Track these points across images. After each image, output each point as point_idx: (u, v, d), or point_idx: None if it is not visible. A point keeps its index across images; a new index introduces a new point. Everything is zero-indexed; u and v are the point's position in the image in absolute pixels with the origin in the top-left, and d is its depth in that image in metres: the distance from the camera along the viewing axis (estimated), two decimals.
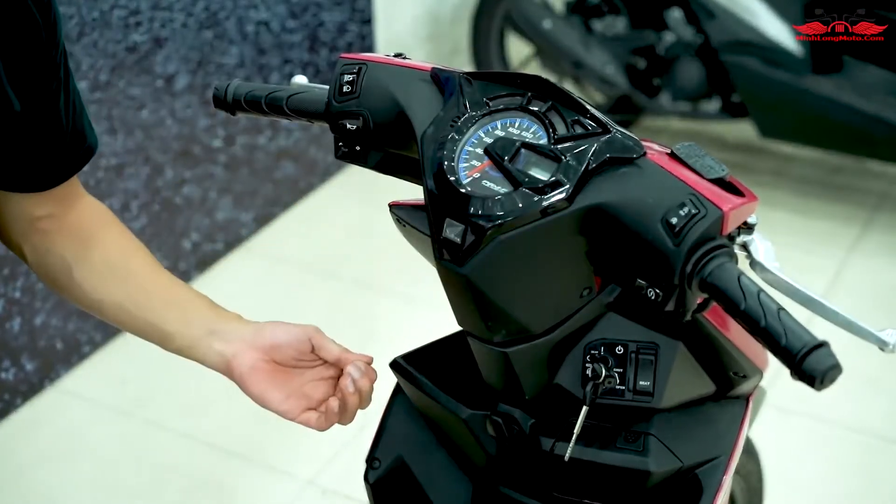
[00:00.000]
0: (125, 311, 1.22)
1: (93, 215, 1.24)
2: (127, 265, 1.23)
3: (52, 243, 1.21)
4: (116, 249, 1.24)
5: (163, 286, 1.23)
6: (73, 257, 1.21)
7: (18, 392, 2.62)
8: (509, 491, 1.22)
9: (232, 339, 1.21)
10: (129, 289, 1.22)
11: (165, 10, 2.84)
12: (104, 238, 1.23)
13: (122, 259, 1.23)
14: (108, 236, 1.24)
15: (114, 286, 1.22)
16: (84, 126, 1.18)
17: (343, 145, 1.20)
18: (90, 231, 1.23)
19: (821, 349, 0.86)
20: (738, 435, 1.17)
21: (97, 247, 1.22)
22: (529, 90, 1.06)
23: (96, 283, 1.22)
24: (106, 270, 1.22)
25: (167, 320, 1.21)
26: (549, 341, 1.06)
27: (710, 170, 1.01)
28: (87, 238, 1.22)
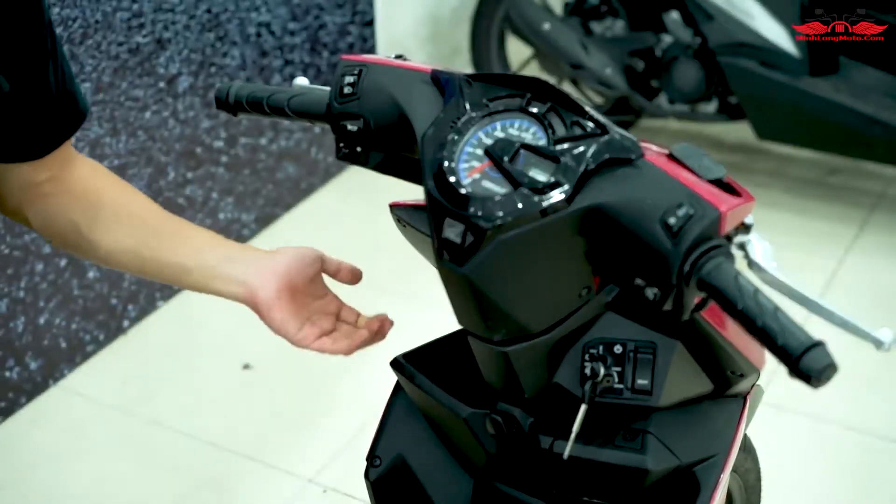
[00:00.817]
0: (139, 257, 1.23)
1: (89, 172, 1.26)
2: (131, 211, 1.25)
3: (57, 206, 1.23)
4: (118, 199, 1.25)
5: (170, 225, 1.24)
6: (79, 216, 1.23)
7: (22, 391, 2.63)
8: (509, 489, 1.22)
9: (252, 267, 1.19)
10: (139, 233, 1.23)
11: (168, 12, 2.85)
12: (104, 190, 1.25)
13: (125, 207, 1.25)
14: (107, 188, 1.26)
15: (124, 234, 1.23)
16: (75, 91, 1.19)
17: (344, 146, 1.21)
18: (90, 187, 1.24)
19: (817, 348, 0.87)
20: (736, 433, 1.17)
21: (100, 200, 1.24)
22: (529, 92, 1.06)
23: (106, 234, 1.23)
24: (113, 221, 1.23)
25: (182, 255, 1.21)
26: (548, 340, 1.07)
27: (707, 170, 1.01)
28: (88, 194, 1.24)
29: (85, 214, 1.23)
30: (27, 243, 2.56)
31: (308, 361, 2.83)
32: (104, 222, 1.23)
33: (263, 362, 2.79)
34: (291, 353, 3.07)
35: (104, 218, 1.23)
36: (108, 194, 1.25)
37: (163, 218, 1.25)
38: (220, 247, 1.22)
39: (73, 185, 1.23)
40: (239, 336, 2.90)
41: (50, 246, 2.62)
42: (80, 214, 1.23)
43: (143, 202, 1.27)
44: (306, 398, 2.68)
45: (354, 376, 2.72)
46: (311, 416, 2.62)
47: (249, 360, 2.79)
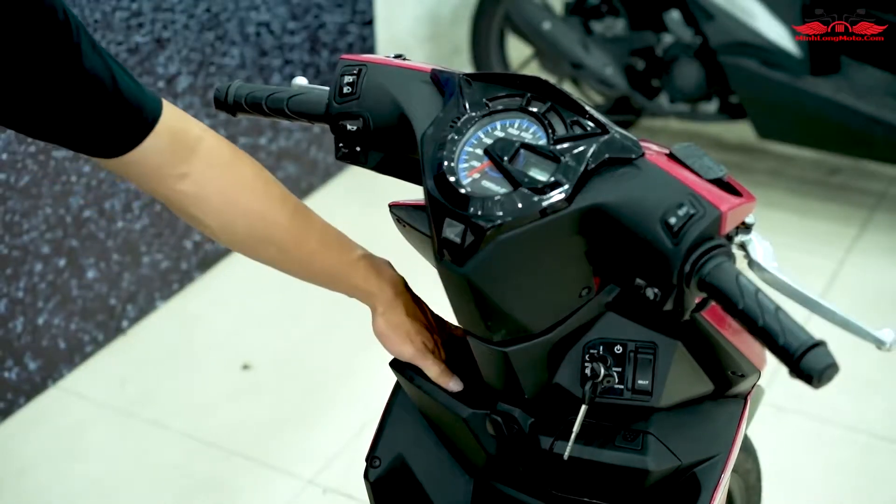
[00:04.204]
0: (278, 260, 1.27)
1: (225, 175, 1.23)
2: (268, 230, 1.24)
3: (186, 205, 1.22)
4: (256, 216, 1.24)
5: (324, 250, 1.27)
6: (212, 224, 1.23)
7: (21, 391, 2.63)
8: (508, 489, 1.22)
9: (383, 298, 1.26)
10: (275, 252, 1.25)
11: (167, 12, 2.84)
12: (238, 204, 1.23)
13: (263, 225, 1.24)
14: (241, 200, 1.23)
15: (261, 250, 1.25)
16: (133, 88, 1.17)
17: (343, 146, 1.21)
18: (226, 196, 1.22)
19: (818, 348, 0.87)
20: (736, 433, 1.17)
21: (240, 221, 1.23)
22: (529, 91, 1.06)
23: (246, 249, 1.26)
24: (252, 241, 1.25)
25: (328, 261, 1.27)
26: (548, 341, 1.07)
27: (708, 170, 1.01)
28: (224, 207, 1.22)
29: (220, 227, 1.23)
30: (26, 243, 2.56)
31: (308, 362, 2.83)
32: (240, 235, 1.25)
33: (263, 362, 2.79)
34: (291, 353, 3.08)
35: (241, 232, 1.24)
36: (243, 209, 1.24)
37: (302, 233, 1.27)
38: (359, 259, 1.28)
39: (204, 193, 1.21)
40: (238, 336, 2.90)
41: (49, 246, 2.62)
42: (214, 225, 1.23)
43: (283, 212, 1.27)
44: (306, 398, 2.67)
45: (354, 377, 2.71)
46: (310, 417, 2.62)
47: (249, 361, 2.79)
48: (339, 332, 2.79)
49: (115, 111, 1.12)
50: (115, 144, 1.15)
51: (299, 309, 2.95)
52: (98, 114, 1.11)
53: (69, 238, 2.68)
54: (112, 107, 1.12)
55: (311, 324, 2.91)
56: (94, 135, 1.14)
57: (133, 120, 1.14)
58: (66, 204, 2.65)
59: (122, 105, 1.13)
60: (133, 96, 1.14)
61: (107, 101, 1.11)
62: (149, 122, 1.15)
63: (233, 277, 3.14)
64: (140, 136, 1.15)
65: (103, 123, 1.13)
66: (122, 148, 1.15)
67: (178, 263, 3.05)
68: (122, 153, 1.15)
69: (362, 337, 2.86)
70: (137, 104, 1.14)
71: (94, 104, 1.10)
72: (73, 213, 2.67)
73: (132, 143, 1.15)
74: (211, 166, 1.21)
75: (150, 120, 1.15)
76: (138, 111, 1.14)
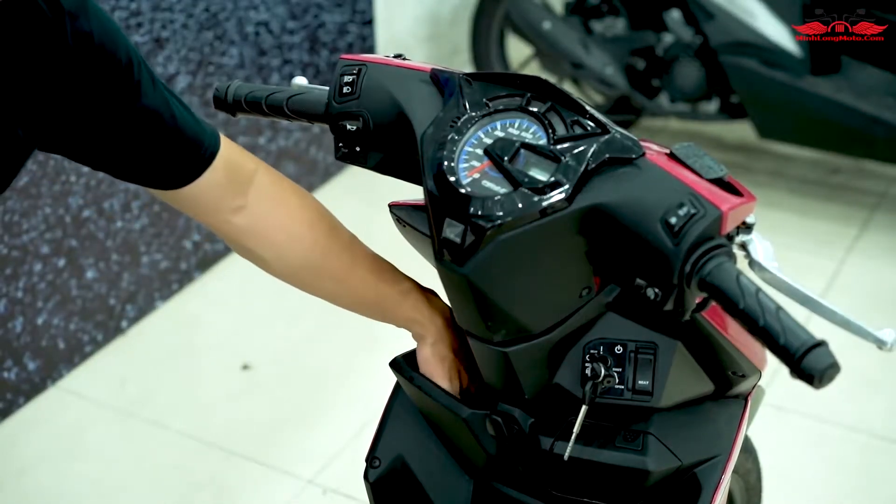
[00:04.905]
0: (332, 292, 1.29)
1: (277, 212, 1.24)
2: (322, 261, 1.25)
3: (241, 239, 1.23)
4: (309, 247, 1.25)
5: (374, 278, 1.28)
6: (269, 258, 1.24)
7: (21, 391, 2.63)
8: (509, 489, 1.22)
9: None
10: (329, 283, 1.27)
11: (166, 11, 2.84)
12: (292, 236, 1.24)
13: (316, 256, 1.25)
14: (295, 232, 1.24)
15: (314, 282, 1.27)
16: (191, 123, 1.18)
17: (343, 146, 1.20)
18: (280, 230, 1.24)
19: (819, 348, 0.87)
20: (737, 434, 1.17)
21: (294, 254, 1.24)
22: (529, 91, 1.06)
23: (299, 281, 1.27)
24: (305, 273, 1.26)
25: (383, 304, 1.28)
26: (548, 341, 1.07)
27: (708, 170, 1.01)
28: (277, 241, 1.24)
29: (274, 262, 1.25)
30: (25, 243, 2.56)
31: (307, 362, 2.83)
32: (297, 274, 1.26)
33: (263, 363, 2.79)
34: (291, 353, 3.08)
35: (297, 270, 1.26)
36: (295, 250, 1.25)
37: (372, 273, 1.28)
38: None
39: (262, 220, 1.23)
40: (238, 336, 2.90)
41: (48, 246, 2.62)
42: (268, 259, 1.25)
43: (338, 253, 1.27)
44: (306, 399, 2.67)
45: (354, 377, 2.71)
46: (310, 417, 2.62)
47: (249, 361, 2.78)
48: (339, 332, 2.79)
49: (174, 146, 1.14)
50: (174, 177, 1.16)
51: (299, 309, 2.95)
52: (157, 148, 1.13)
53: (68, 238, 2.68)
54: (171, 141, 1.13)
55: (311, 324, 2.90)
56: (153, 168, 1.15)
57: (192, 154, 1.15)
58: (66, 204, 2.65)
59: (180, 140, 1.14)
60: (192, 131, 1.15)
61: (165, 136, 1.13)
62: (207, 157, 1.17)
63: (233, 277, 3.14)
64: (199, 170, 1.17)
65: (163, 157, 1.14)
66: (181, 181, 1.17)
67: (178, 263, 3.05)
68: (180, 186, 1.17)
69: (362, 337, 2.86)
70: (196, 139, 1.15)
71: (152, 139, 1.12)
72: (72, 213, 2.67)
73: (191, 176, 1.16)
74: (266, 199, 1.23)
75: (207, 154, 1.17)
76: (197, 146, 1.16)
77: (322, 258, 1.25)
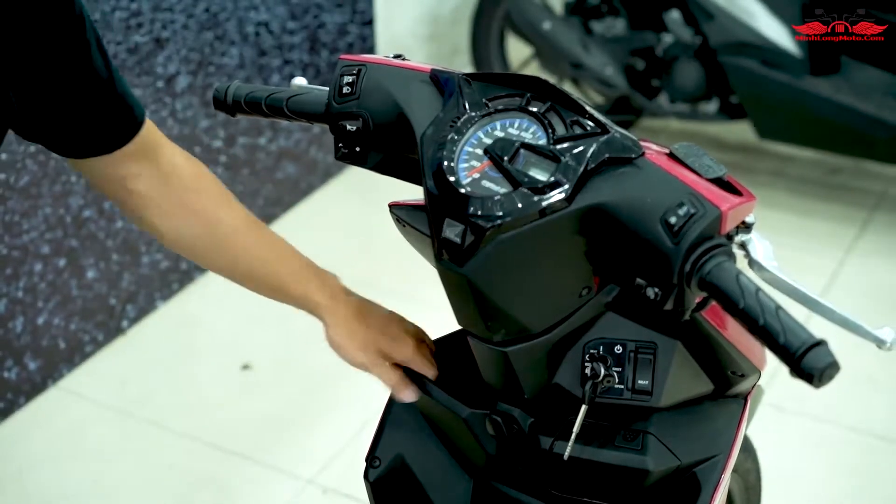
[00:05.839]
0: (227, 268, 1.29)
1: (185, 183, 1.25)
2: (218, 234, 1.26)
3: (145, 211, 1.24)
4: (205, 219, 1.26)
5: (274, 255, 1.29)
6: (169, 232, 1.25)
7: (21, 391, 2.63)
8: (508, 489, 1.22)
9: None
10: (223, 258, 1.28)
11: (166, 12, 2.84)
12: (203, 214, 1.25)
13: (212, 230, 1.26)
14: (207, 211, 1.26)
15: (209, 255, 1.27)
16: (126, 90, 1.19)
17: (343, 146, 1.20)
18: (186, 204, 1.25)
19: (819, 347, 0.87)
20: (736, 434, 1.17)
21: (197, 226, 1.25)
22: (529, 91, 1.06)
23: (199, 253, 1.27)
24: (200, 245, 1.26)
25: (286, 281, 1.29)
26: (548, 341, 1.07)
27: (708, 169, 1.01)
28: (182, 213, 1.24)
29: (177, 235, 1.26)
30: (26, 243, 2.56)
31: (307, 362, 2.83)
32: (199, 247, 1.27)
33: (263, 363, 2.79)
34: (291, 353, 3.08)
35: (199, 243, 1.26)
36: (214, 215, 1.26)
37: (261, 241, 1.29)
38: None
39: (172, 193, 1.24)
40: (238, 336, 2.90)
41: (49, 246, 2.62)
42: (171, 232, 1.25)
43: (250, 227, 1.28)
44: (306, 398, 2.67)
45: (354, 377, 2.70)
46: (310, 417, 2.62)
47: (249, 361, 2.78)
48: None
49: (115, 109, 1.14)
50: (107, 143, 1.17)
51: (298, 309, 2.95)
52: (99, 111, 1.12)
53: (69, 238, 2.68)
54: (112, 104, 1.13)
55: (311, 324, 2.90)
56: (91, 133, 1.15)
57: (128, 120, 1.16)
58: (66, 204, 2.65)
59: (120, 104, 1.14)
60: (129, 97, 1.17)
61: (109, 99, 1.12)
62: (138, 124, 1.18)
63: None
64: (130, 135, 1.17)
65: (101, 120, 1.14)
66: (111, 146, 1.16)
67: (178, 263, 3.05)
68: (110, 151, 1.17)
69: None
70: (131, 105, 1.17)
71: (97, 101, 1.12)
72: (72, 213, 2.67)
73: (121, 142, 1.17)
74: (167, 168, 1.24)
75: (140, 120, 1.18)
76: (132, 111, 1.16)
77: (218, 231, 1.26)
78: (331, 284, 1.29)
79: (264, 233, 1.30)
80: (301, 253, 1.30)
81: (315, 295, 1.28)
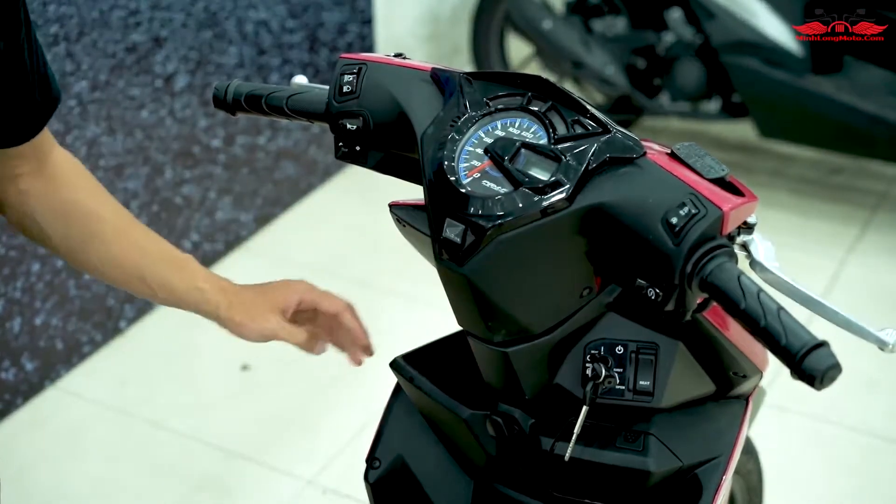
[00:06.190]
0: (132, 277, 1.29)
1: (68, 179, 1.26)
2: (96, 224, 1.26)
3: (31, 209, 1.24)
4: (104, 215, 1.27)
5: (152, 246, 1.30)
6: (52, 229, 1.25)
7: (19, 392, 2.62)
8: (509, 490, 1.22)
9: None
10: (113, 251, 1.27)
11: (165, 10, 2.84)
12: (82, 207, 1.26)
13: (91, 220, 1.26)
14: (93, 201, 1.27)
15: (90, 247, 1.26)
16: (49, 75, 1.18)
17: (343, 145, 1.20)
18: (67, 199, 1.25)
19: (820, 349, 0.86)
20: (738, 434, 1.17)
21: (75, 220, 1.25)
22: (529, 90, 1.06)
23: (78, 250, 1.27)
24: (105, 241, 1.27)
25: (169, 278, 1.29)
26: (549, 341, 1.07)
27: (710, 170, 1.01)
28: (64, 208, 1.24)
29: (57, 231, 1.25)
30: (24, 243, 2.56)
31: (308, 362, 2.82)
32: (76, 243, 1.26)
33: (262, 363, 2.78)
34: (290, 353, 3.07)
35: (76, 240, 1.25)
36: (85, 210, 1.26)
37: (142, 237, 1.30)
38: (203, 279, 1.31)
39: (49, 191, 1.24)
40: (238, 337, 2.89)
41: None
42: (53, 229, 1.25)
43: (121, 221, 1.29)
44: (306, 399, 2.67)
45: (354, 377, 2.70)
46: (310, 417, 2.61)
47: (248, 361, 2.78)
48: None
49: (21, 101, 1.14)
50: (21, 130, 1.17)
51: None
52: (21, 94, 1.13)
53: None
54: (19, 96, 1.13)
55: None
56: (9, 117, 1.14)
57: (33, 113, 1.17)
58: None
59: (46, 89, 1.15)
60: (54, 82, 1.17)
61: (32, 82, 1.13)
62: (42, 120, 1.18)
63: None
64: (34, 130, 1.18)
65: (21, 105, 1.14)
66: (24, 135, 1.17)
67: None
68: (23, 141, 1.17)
69: None
70: (54, 91, 1.18)
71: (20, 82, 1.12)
72: None
73: (34, 130, 1.18)
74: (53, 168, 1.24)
75: (43, 119, 1.19)
76: (55, 98, 1.18)
77: (102, 228, 1.27)
78: (215, 276, 1.31)
79: (144, 229, 1.31)
80: (178, 249, 1.33)
81: (203, 284, 1.29)
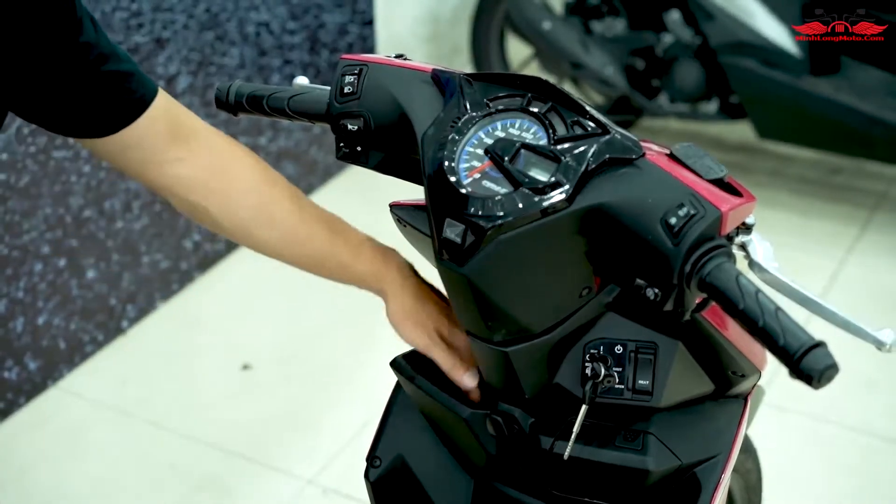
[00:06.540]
0: (280, 246, 1.27)
1: (220, 163, 1.25)
2: (269, 210, 1.25)
3: (190, 193, 1.23)
4: (256, 197, 1.25)
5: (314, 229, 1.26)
6: (214, 209, 1.24)
7: (21, 391, 2.63)
8: (509, 489, 1.22)
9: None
10: (276, 235, 1.25)
11: (167, 12, 2.84)
12: (237, 185, 1.24)
13: (263, 206, 1.25)
14: (240, 182, 1.25)
15: (262, 234, 1.26)
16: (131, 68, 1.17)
17: (344, 146, 1.21)
18: (223, 180, 1.24)
19: (818, 349, 0.87)
20: (737, 434, 1.17)
21: (236, 198, 1.24)
22: (529, 91, 1.06)
23: (244, 233, 1.26)
24: (252, 224, 1.25)
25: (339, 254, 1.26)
26: (548, 341, 1.07)
27: (708, 170, 1.01)
28: (221, 188, 1.23)
29: (221, 215, 1.24)
30: (26, 243, 2.56)
31: (307, 362, 2.83)
32: (243, 226, 1.25)
33: (263, 363, 2.79)
34: (291, 353, 3.07)
35: (244, 222, 1.25)
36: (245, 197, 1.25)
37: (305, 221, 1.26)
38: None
39: (204, 179, 1.23)
40: (238, 336, 2.90)
41: (49, 247, 2.62)
42: (216, 212, 1.24)
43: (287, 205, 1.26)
44: (306, 398, 2.67)
45: (354, 376, 2.71)
46: (310, 417, 2.62)
47: (249, 361, 2.79)
48: (340, 332, 2.79)
49: (110, 87, 1.13)
50: (107, 122, 1.16)
51: (300, 308, 2.95)
52: (93, 89, 1.12)
53: (69, 238, 2.68)
54: (107, 83, 1.13)
55: (312, 323, 2.91)
56: (87, 112, 1.14)
57: (127, 98, 1.15)
58: (66, 204, 2.65)
59: (116, 81, 1.13)
60: (129, 76, 1.15)
61: (102, 77, 1.12)
62: (141, 102, 1.17)
63: (233, 277, 3.14)
64: (133, 115, 1.16)
65: (98, 100, 1.14)
66: (114, 126, 1.16)
67: (178, 263, 3.05)
68: (113, 131, 1.16)
69: (363, 337, 2.86)
70: (132, 84, 1.16)
71: (89, 79, 1.11)
72: (72, 213, 2.67)
73: (125, 121, 1.16)
74: (208, 150, 1.23)
75: (143, 99, 1.17)
76: (132, 91, 1.16)
77: (269, 207, 1.25)
78: (394, 261, 1.26)
79: (313, 205, 1.27)
80: (353, 226, 1.28)
81: (376, 269, 1.25)
